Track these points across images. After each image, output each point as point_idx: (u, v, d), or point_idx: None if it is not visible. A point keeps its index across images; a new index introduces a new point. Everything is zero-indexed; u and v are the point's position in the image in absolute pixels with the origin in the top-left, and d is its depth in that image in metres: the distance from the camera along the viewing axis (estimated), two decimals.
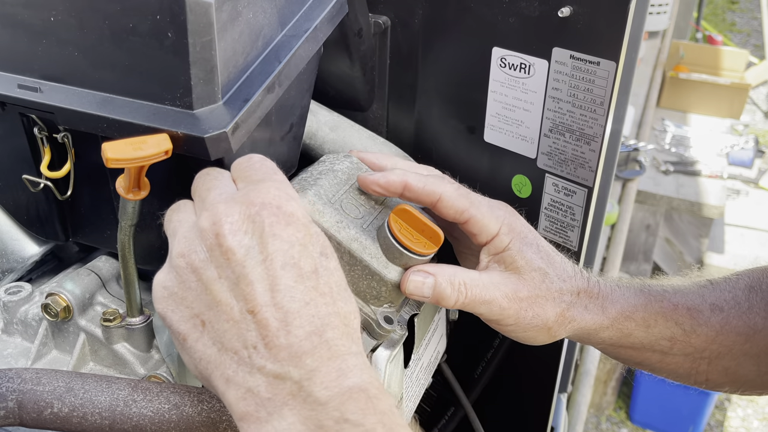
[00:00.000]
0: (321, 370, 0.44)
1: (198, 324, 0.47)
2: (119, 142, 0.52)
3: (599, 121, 0.72)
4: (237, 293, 0.46)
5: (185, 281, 0.47)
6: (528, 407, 0.96)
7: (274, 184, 0.49)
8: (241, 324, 0.45)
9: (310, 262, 0.47)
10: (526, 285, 0.62)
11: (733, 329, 0.66)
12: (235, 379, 0.45)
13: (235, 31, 0.55)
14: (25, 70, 0.59)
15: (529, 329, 0.63)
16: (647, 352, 0.67)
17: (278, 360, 0.44)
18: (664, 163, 2.98)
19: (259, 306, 0.45)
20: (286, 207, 0.48)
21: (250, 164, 0.52)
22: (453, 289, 0.60)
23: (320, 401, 0.44)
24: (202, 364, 0.47)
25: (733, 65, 3.67)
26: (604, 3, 0.67)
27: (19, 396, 0.55)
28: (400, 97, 0.88)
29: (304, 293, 0.46)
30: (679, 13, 3.75)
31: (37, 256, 0.75)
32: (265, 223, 0.46)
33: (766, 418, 2.73)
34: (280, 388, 0.44)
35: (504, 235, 0.62)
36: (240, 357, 0.45)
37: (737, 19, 5.96)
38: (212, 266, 0.47)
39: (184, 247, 0.48)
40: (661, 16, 3.17)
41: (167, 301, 0.48)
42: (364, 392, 0.44)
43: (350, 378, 0.45)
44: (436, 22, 0.81)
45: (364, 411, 0.44)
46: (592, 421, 2.68)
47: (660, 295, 0.66)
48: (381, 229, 0.61)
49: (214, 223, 0.47)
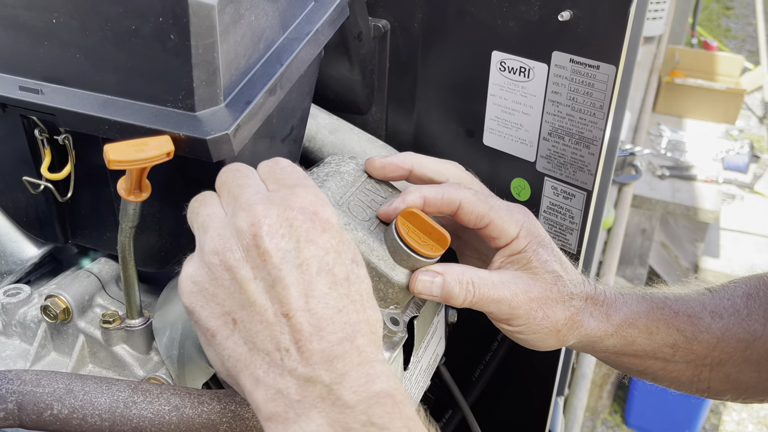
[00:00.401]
0: (351, 375, 0.45)
1: (229, 322, 0.47)
2: (121, 144, 0.52)
3: (599, 124, 0.72)
4: (272, 295, 0.46)
5: (218, 278, 0.47)
6: (526, 410, 0.97)
7: (309, 189, 0.49)
8: (275, 326, 0.46)
9: (343, 269, 0.48)
10: (537, 285, 0.62)
11: (734, 336, 0.66)
12: (265, 379, 0.46)
13: (237, 34, 0.55)
14: (26, 72, 0.59)
15: (538, 331, 0.62)
16: (650, 360, 0.67)
17: (310, 364, 0.45)
18: (660, 167, 2.99)
19: (293, 310, 0.46)
20: (322, 213, 0.48)
21: (281, 167, 0.52)
22: (461, 287, 0.60)
23: (349, 405, 0.45)
24: (231, 362, 0.47)
25: (728, 71, 3.68)
26: (604, 7, 0.67)
27: (19, 398, 0.54)
28: (400, 101, 0.88)
29: (337, 300, 0.47)
30: (675, 18, 3.77)
31: (36, 258, 0.75)
32: (302, 228, 0.47)
33: (761, 422, 2.74)
34: (310, 390, 0.45)
35: (522, 238, 0.62)
36: (272, 358, 0.46)
37: (732, 24, 5.99)
38: (248, 266, 0.47)
39: (218, 244, 0.48)
40: (657, 22, 3.18)
41: (197, 296, 0.48)
42: (391, 397, 0.45)
43: (378, 384, 0.46)
44: (435, 26, 0.81)
45: (390, 415, 0.45)
46: (588, 425, 2.68)
47: (661, 302, 0.67)
48: (388, 232, 0.62)
49: (252, 224, 0.47)
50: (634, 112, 3.03)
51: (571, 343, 0.65)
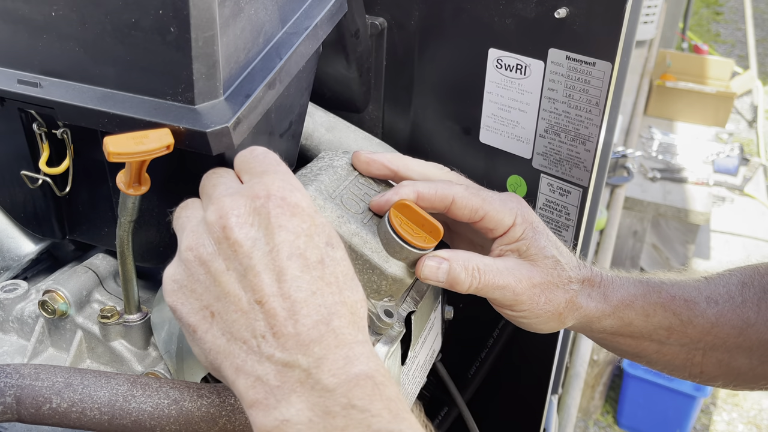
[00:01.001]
0: (328, 358, 0.45)
1: (207, 315, 0.48)
2: (121, 137, 0.52)
3: (595, 121, 0.73)
4: (245, 284, 0.47)
5: (194, 274, 0.48)
6: (521, 407, 0.97)
7: (278, 175, 0.50)
8: (250, 314, 0.46)
9: (316, 252, 0.48)
10: (539, 272, 0.63)
11: (728, 322, 0.67)
12: (244, 367, 0.46)
13: (237, 27, 0.56)
14: (24, 66, 0.59)
15: (541, 315, 0.63)
16: (645, 342, 0.68)
17: (286, 348, 0.45)
18: (651, 170, 3.00)
19: (266, 296, 0.46)
20: (290, 198, 0.48)
21: (253, 156, 0.53)
22: (467, 273, 0.61)
23: (328, 388, 0.45)
24: (212, 354, 0.48)
25: (718, 74, 3.70)
26: (600, 4, 0.68)
27: (18, 391, 0.54)
28: (396, 98, 0.89)
29: (310, 283, 0.47)
30: (666, 23, 3.79)
31: (33, 254, 0.75)
32: (270, 215, 0.47)
33: (751, 421, 2.75)
34: (288, 375, 0.45)
35: (518, 226, 0.63)
36: (249, 346, 0.46)
37: (722, 30, 6.03)
38: (220, 258, 0.47)
39: (192, 240, 0.49)
40: (649, 26, 3.20)
41: (177, 294, 0.49)
42: (371, 379, 0.45)
43: (357, 366, 0.46)
44: (432, 24, 0.82)
45: (370, 397, 0.44)
46: (580, 425, 2.68)
47: (658, 286, 0.68)
48: (381, 224, 0.62)
49: (220, 216, 0.48)
50: (625, 115, 3.05)
51: (570, 324, 0.66)
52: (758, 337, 0.68)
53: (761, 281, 0.69)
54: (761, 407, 2.80)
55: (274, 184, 0.49)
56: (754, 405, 2.82)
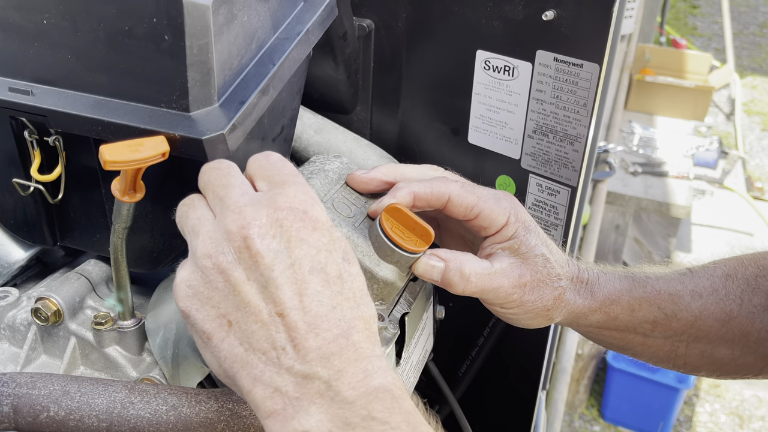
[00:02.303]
0: (348, 371, 0.46)
1: (224, 324, 0.48)
2: (116, 145, 0.52)
3: (583, 122, 0.74)
4: (266, 296, 0.47)
5: (211, 281, 0.48)
6: (512, 404, 0.98)
7: (299, 187, 0.50)
8: (270, 326, 0.46)
9: (335, 267, 0.49)
10: (529, 270, 0.64)
11: (711, 315, 0.69)
12: (262, 378, 0.46)
13: (230, 34, 0.56)
14: (16, 73, 0.59)
15: (530, 311, 0.65)
16: (630, 335, 0.70)
17: (307, 361, 0.46)
18: (633, 164, 3.03)
19: (287, 309, 0.46)
20: (312, 212, 0.49)
21: (270, 163, 0.52)
22: (461, 278, 0.62)
23: (348, 400, 0.45)
24: (228, 362, 0.48)
25: (696, 68, 3.74)
26: (587, 6, 0.68)
27: (15, 400, 0.54)
28: (384, 100, 0.89)
29: (330, 298, 0.47)
30: (644, 17, 3.82)
31: (23, 261, 0.74)
32: (292, 228, 0.47)
33: (733, 412, 2.79)
34: (308, 387, 0.46)
35: (511, 225, 0.64)
36: (268, 357, 0.46)
37: (699, 23, 6.09)
38: (240, 268, 0.47)
39: (210, 247, 0.48)
40: (628, 20, 3.22)
41: (192, 299, 0.49)
42: (390, 392, 0.46)
43: (376, 379, 0.46)
44: (419, 25, 0.82)
45: (390, 410, 0.45)
46: (565, 419, 2.71)
47: (643, 281, 0.69)
48: (372, 228, 0.62)
49: (242, 226, 0.47)
50: (606, 110, 3.07)
51: (558, 320, 0.68)
52: (740, 329, 0.69)
53: (745, 273, 0.71)
54: (743, 398, 2.84)
55: (297, 197, 0.49)
56: (736, 396, 2.86)
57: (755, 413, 2.79)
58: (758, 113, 4.78)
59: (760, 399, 2.84)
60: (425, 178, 0.66)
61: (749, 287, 0.70)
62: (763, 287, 0.70)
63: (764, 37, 5.89)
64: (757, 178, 3.91)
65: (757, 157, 4.28)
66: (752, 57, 5.55)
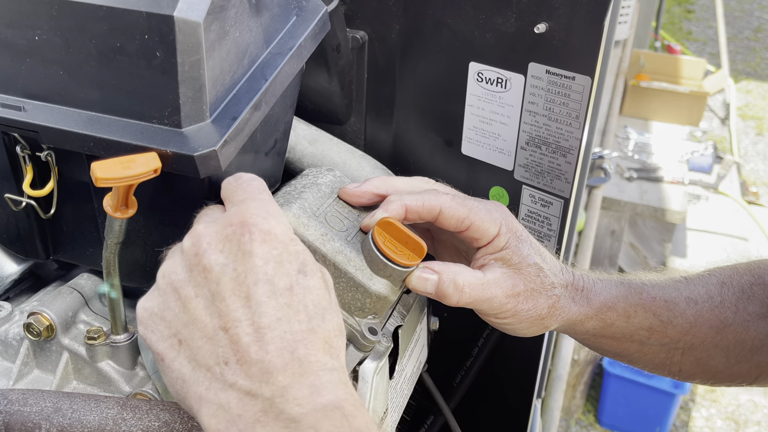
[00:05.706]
0: (293, 387, 0.45)
1: (175, 343, 0.48)
2: (108, 162, 0.52)
3: (575, 134, 0.74)
4: (212, 310, 0.47)
5: (165, 301, 0.49)
6: (506, 413, 0.98)
7: (254, 203, 0.50)
8: (214, 340, 0.46)
9: (285, 279, 0.48)
10: (522, 280, 0.64)
11: (706, 322, 0.69)
12: (207, 396, 0.46)
13: (222, 50, 0.56)
14: (8, 89, 0.59)
15: (524, 320, 0.65)
16: (627, 342, 0.70)
17: (249, 376, 0.45)
18: (628, 170, 3.04)
19: (231, 321, 0.46)
20: (262, 225, 0.48)
21: (237, 184, 0.53)
22: (455, 289, 0.62)
23: (293, 418, 0.44)
24: (178, 383, 0.48)
25: (691, 74, 3.76)
26: (579, 19, 0.69)
27: (6, 417, 0.54)
28: (378, 111, 0.89)
29: (276, 309, 0.47)
30: (639, 22, 3.83)
31: (16, 275, 0.74)
32: (240, 242, 0.48)
33: (729, 417, 2.80)
34: (251, 404, 0.45)
35: (503, 236, 0.64)
36: (213, 374, 0.46)
37: (693, 28, 6.11)
38: (191, 285, 0.48)
39: (166, 267, 0.50)
40: (622, 26, 3.23)
41: (148, 321, 0.50)
42: (339, 410, 0.44)
43: (324, 395, 0.45)
44: (413, 37, 0.82)
45: (338, 428, 0.44)
46: (562, 425, 2.71)
47: (639, 287, 0.69)
48: (365, 242, 0.62)
49: (193, 243, 0.48)
50: (601, 116, 3.08)
51: (554, 327, 0.67)
52: (735, 337, 0.69)
53: (740, 281, 0.71)
54: (739, 402, 2.85)
55: (249, 210, 0.49)
56: (732, 401, 2.86)
57: (751, 418, 2.79)
58: (753, 118, 4.80)
59: (756, 404, 2.84)
60: (417, 190, 0.66)
61: (744, 295, 0.70)
62: (758, 295, 0.70)
63: (758, 41, 5.92)
64: (752, 183, 3.93)
65: (752, 161, 4.29)
66: (747, 61, 5.58)
